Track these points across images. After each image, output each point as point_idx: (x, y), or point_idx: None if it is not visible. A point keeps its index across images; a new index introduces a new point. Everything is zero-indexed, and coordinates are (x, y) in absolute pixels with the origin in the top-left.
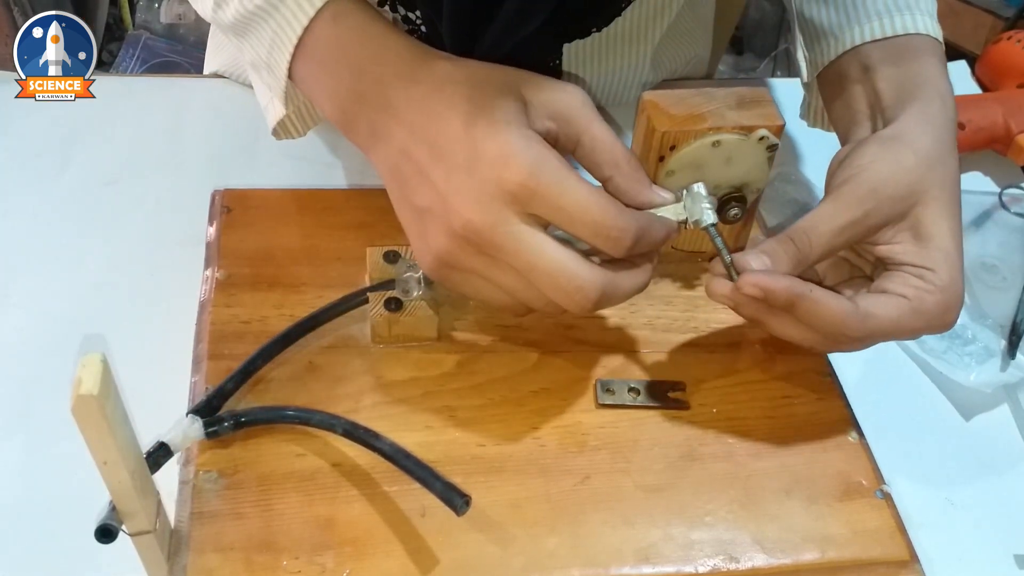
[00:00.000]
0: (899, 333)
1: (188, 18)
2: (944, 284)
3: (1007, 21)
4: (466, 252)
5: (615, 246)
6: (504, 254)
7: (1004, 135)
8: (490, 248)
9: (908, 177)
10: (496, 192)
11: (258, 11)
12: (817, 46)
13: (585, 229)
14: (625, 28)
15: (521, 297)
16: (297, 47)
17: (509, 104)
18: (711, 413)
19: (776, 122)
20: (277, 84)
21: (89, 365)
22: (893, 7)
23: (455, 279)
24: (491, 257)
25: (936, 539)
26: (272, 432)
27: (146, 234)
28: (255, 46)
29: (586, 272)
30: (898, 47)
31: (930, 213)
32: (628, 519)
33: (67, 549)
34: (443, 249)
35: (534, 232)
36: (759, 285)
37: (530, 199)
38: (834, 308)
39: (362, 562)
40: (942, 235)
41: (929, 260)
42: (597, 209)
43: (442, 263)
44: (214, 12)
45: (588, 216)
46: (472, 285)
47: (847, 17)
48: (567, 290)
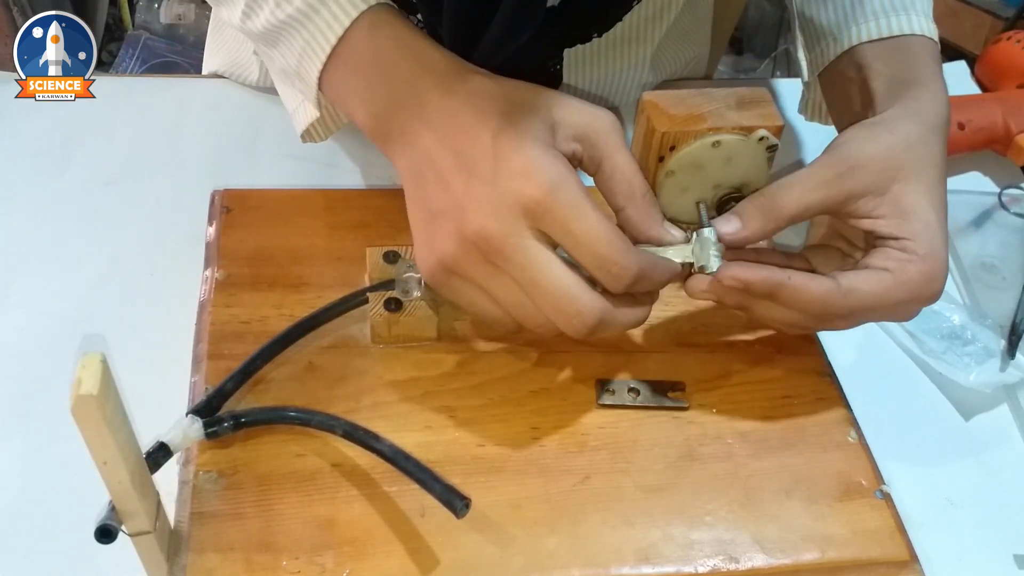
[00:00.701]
0: (884, 306)
1: (188, 18)
2: (925, 253)
3: (1007, 21)
4: (472, 259)
5: (614, 282)
6: (510, 266)
7: (1004, 135)
8: (498, 257)
9: (883, 152)
10: (513, 204)
11: (290, 20)
12: (817, 47)
13: (589, 258)
14: (625, 31)
15: (517, 313)
16: (330, 55)
17: (538, 122)
18: (711, 413)
19: (776, 122)
20: (309, 91)
21: (89, 365)
22: (890, 8)
23: (453, 286)
24: (496, 267)
25: (936, 539)
26: (272, 432)
27: (146, 234)
28: (285, 54)
29: (587, 297)
30: (893, 47)
31: (911, 189)
32: (628, 519)
33: (67, 549)
34: (449, 253)
35: (543, 249)
36: (738, 278)
37: (543, 216)
38: (815, 290)
39: (362, 562)
40: (923, 208)
41: (909, 231)
42: (604, 241)
43: (445, 268)
44: (242, 21)
45: (594, 246)
46: (469, 296)
47: (845, 17)
48: (567, 312)
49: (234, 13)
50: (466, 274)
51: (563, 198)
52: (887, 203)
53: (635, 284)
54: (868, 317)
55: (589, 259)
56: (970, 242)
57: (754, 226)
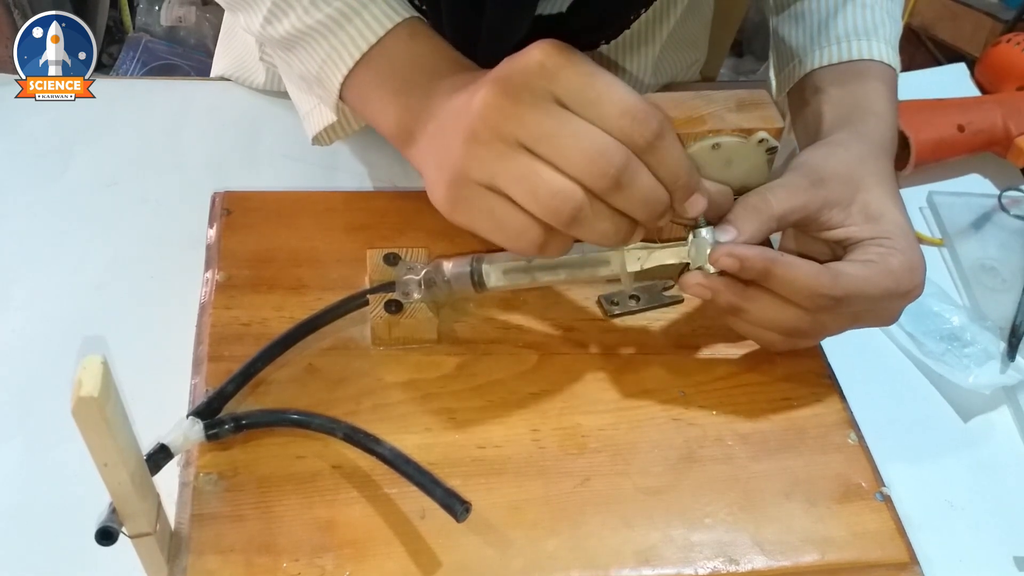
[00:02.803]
0: (873, 295)
1: (188, 21)
2: (903, 247)
3: (1006, 24)
4: (482, 147)
5: (642, 128)
6: (524, 127)
7: (1003, 137)
8: (510, 122)
9: (843, 166)
10: (522, 71)
11: (319, 25)
12: (786, 68)
13: (611, 106)
14: (629, 36)
15: (538, 194)
16: (360, 61)
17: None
18: (711, 415)
19: (776, 124)
20: (329, 95)
21: (89, 367)
22: (853, 33)
23: (468, 199)
24: (508, 143)
25: (936, 541)
26: (272, 434)
27: (146, 236)
28: (304, 60)
29: (609, 139)
30: (848, 72)
31: (875, 196)
32: (628, 521)
33: (67, 551)
34: (458, 156)
35: (555, 105)
36: (733, 253)
37: (556, 75)
38: (807, 268)
39: (362, 564)
40: (891, 211)
41: (883, 231)
42: (623, 88)
43: (456, 178)
44: (263, 27)
45: (615, 92)
46: (486, 205)
47: (811, 40)
48: (589, 153)
49: (254, 18)
50: (478, 171)
51: (574, 56)
52: (856, 212)
53: (660, 137)
54: (856, 310)
55: (611, 107)
56: (970, 244)
57: (749, 229)
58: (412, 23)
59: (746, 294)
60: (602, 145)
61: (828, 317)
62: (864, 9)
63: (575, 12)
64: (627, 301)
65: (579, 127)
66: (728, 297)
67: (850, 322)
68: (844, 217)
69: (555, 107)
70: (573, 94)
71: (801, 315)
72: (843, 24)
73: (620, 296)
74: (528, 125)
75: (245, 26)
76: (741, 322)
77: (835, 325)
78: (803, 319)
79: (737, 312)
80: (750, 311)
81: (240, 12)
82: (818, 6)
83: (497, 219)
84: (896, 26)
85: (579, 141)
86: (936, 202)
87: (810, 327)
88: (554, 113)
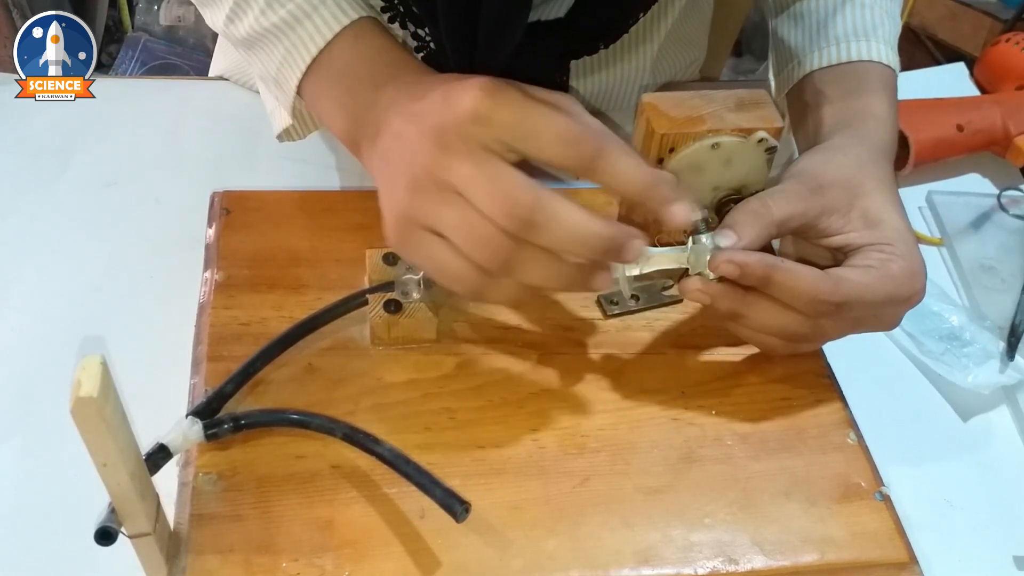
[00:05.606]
0: (873, 300)
1: (187, 20)
2: (904, 253)
3: (1006, 23)
4: (424, 194)
5: (580, 151)
6: (459, 177)
7: (1003, 137)
8: (446, 173)
9: (841, 172)
10: (457, 120)
11: (274, 28)
12: (785, 69)
13: (547, 138)
14: (627, 36)
15: (470, 239)
16: (312, 64)
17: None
18: (710, 415)
19: (775, 124)
20: (285, 98)
21: (88, 367)
22: (852, 34)
23: (412, 240)
24: (446, 193)
25: (935, 541)
26: (271, 434)
27: (145, 236)
28: (264, 61)
29: (522, 179)
30: (848, 73)
31: (874, 202)
32: (627, 521)
33: (66, 551)
34: (403, 200)
35: (490, 154)
36: (734, 260)
37: (490, 118)
38: (807, 274)
39: (361, 564)
40: (891, 217)
41: (884, 237)
42: (559, 118)
43: (401, 219)
44: (225, 26)
45: (551, 122)
46: (428, 249)
47: (810, 41)
48: (499, 197)
49: (218, 16)
50: (421, 217)
51: (505, 94)
52: (855, 218)
53: (598, 157)
54: (857, 316)
55: (548, 136)
56: (969, 244)
57: (749, 234)
58: (359, 25)
59: (746, 300)
60: (508, 186)
61: (829, 323)
62: (863, 9)
63: (574, 18)
64: (626, 301)
65: (496, 170)
66: (728, 303)
67: (851, 327)
68: (844, 223)
69: (484, 154)
70: (509, 132)
71: (802, 321)
72: (842, 25)
73: (619, 296)
74: (460, 174)
75: (211, 23)
76: (741, 327)
77: (836, 330)
78: (804, 325)
79: (737, 318)
80: (750, 317)
81: (206, 9)
82: (817, 6)
83: (437, 262)
84: (895, 26)
85: (492, 183)
86: (935, 202)
87: (811, 333)
88: (481, 160)
